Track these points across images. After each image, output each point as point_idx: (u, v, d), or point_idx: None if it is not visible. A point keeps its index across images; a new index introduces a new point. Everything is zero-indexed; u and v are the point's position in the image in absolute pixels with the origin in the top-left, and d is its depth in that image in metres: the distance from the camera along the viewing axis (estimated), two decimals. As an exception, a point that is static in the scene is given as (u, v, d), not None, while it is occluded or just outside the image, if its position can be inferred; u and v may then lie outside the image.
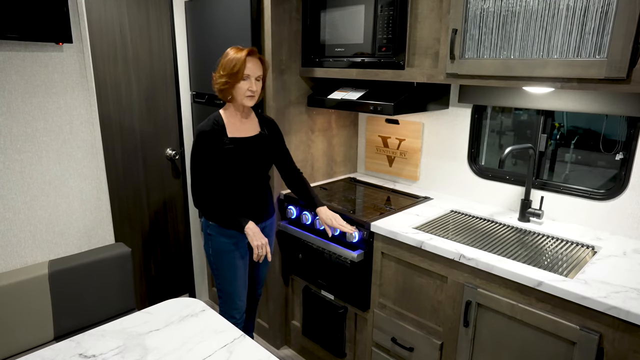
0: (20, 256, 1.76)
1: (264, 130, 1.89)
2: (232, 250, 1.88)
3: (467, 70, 1.66)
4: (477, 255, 1.55)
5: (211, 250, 1.90)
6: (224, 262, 1.89)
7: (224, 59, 1.73)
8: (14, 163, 1.70)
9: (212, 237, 1.87)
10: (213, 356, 1.18)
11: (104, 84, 2.32)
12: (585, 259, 1.59)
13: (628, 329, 1.23)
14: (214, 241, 1.87)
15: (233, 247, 1.88)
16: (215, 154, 1.75)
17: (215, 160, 1.76)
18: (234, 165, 1.78)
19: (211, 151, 1.75)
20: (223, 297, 1.94)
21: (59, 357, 1.19)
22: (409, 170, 2.44)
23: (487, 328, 1.55)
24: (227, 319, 1.73)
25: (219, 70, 1.74)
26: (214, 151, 1.75)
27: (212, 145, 1.75)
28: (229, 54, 1.72)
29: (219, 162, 1.77)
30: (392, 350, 1.91)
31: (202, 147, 1.75)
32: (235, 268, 1.90)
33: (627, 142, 1.71)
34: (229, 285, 1.91)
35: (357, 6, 1.94)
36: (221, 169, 1.78)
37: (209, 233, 1.88)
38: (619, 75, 1.31)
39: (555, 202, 1.91)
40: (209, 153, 1.75)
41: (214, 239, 1.87)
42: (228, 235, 1.86)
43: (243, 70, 1.70)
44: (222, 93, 1.76)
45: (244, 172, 1.82)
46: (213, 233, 1.87)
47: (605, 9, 1.32)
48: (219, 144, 1.76)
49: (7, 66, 1.63)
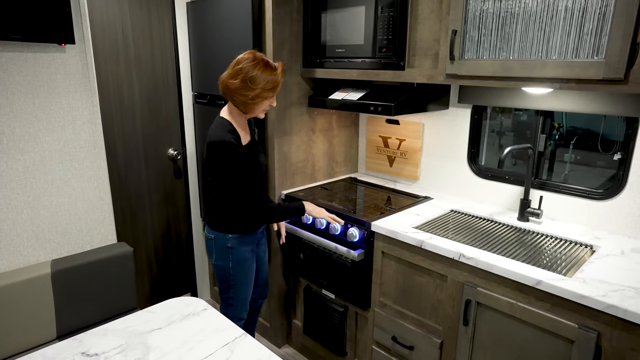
0: (23, 255, 1.78)
1: (254, 132, 1.91)
2: (250, 258, 1.88)
3: (466, 71, 1.67)
4: (477, 254, 1.56)
5: (232, 263, 1.85)
6: (244, 270, 1.88)
7: (252, 72, 1.62)
8: (16, 163, 1.71)
9: (234, 249, 1.83)
10: (214, 355, 1.19)
11: (106, 85, 2.34)
12: (584, 258, 1.60)
13: (626, 327, 1.24)
14: (236, 252, 1.84)
15: (251, 254, 1.88)
16: (243, 163, 1.70)
17: (245, 169, 1.71)
18: (252, 169, 1.76)
19: (241, 160, 1.69)
20: (235, 303, 1.91)
21: (62, 356, 1.20)
22: (409, 170, 2.45)
23: (487, 327, 1.56)
24: (235, 322, 1.73)
25: (246, 82, 1.63)
26: (242, 160, 1.70)
27: (239, 155, 1.68)
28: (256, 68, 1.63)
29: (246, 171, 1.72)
30: (393, 349, 1.92)
31: (236, 158, 1.66)
32: (252, 273, 1.92)
33: (625, 142, 1.72)
34: (245, 292, 1.91)
35: (358, 7, 1.95)
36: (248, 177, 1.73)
37: (230, 246, 1.83)
38: (616, 76, 1.32)
39: (554, 201, 1.92)
40: (240, 162, 1.68)
41: (236, 250, 1.84)
42: (248, 242, 1.86)
43: (278, 88, 1.70)
44: (247, 106, 1.69)
45: (257, 177, 1.81)
46: (235, 245, 1.83)
47: (603, 11, 1.33)
48: (241, 153, 1.70)
49: (10, 67, 1.64)
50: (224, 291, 1.91)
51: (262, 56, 1.67)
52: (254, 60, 1.65)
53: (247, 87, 1.63)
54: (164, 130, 2.63)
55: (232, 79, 1.65)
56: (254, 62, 1.64)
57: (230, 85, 1.65)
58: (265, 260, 2.10)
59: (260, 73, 1.64)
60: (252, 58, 1.65)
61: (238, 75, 1.64)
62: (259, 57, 1.67)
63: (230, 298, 1.91)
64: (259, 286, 2.12)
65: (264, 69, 1.65)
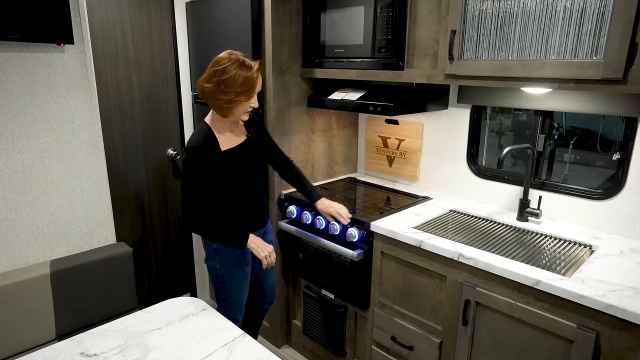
0: (22, 256, 1.78)
1: (251, 133, 1.82)
2: (241, 261, 1.84)
3: (465, 71, 1.67)
4: (476, 254, 1.56)
5: (219, 265, 1.82)
6: (232, 274, 1.84)
7: (227, 74, 1.56)
8: (15, 163, 1.71)
9: (220, 251, 1.80)
10: (214, 355, 1.19)
11: (105, 85, 2.34)
12: (583, 258, 1.60)
13: (624, 327, 1.24)
14: (223, 255, 1.81)
15: (241, 258, 1.84)
16: (211, 171, 1.67)
17: (212, 177, 1.68)
18: (231, 177, 1.72)
19: (206, 168, 1.66)
20: (228, 305, 1.89)
21: (61, 356, 1.20)
22: (408, 170, 2.45)
23: (486, 326, 1.56)
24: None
25: (220, 86, 1.57)
26: (209, 168, 1.66)
27: (206, 162, 1.65)
28: (231, 69, 1.57)
29: (216, 179, 1.69)
30: (392, 349, 1.92)
31: (197, 165, 1.64)
32: (244, 278, 1.88)
33: (624, 142, 1.72)
34: (237, 295, 1.88)
35: (357, 7, 1.95)
36: (218, 185, 1.71)
37: (216, 248, 1.80)
38: (615, 76, 1.33)
39: (553, 201, 1.92)
40: (204, 171, 1.65)
41: (223, 252, 1.80)
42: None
43: (255, 89, 1.61)
44: (223, 110, 1.63)
45: (242, 182, 1.76)
46: (221, 247, 1.80)
47: (602, 11, 1.33)
48: (214, 160, 1.67)
49: (9, 67, 1.64)
50: (217, 292, 1.90)
51: (238, 55, 1.61)
52: (230, 60, 1.59)
53: (221, 90, 1.58)
54: (163, 130, 2.63)
55: (207, 83, 1.60)
56: (229, 62, 1.58)
57: (205, 89, 1.61)
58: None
59: (235, 72, 1.56)
60: (228, 58, 1.59)
61: (212, 78, 1.59)
62: (235, 56, 1.60)
63: (222, 299, 1.89)
64: (264, 291, 2.07)
65: (239, 68, 1.58)
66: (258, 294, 2.08)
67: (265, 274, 2.05)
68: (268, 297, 2.10)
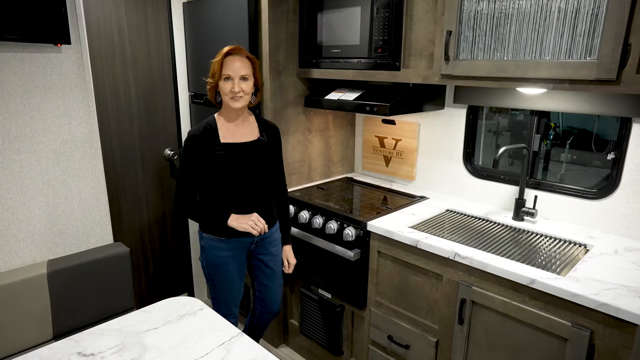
0: (19, 256, 1.78)
1: (263, 136, 1.81)
2: (227, 263, 1.82)
3: (461, 71, 1.68)
4: (472, 253, 1.57)
5: (205, 263, 1.85)
6: (219, 274, 1.84)
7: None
8: (12, 163, 1.71)
9: (206, 249, 1.82)
10: (211, 354, 1.19)
11: (102, 85, 2.34)
12: (578, 257, 1.61)
13: (618, 325, 1.25)
14: (208, 253, 1.82)
15: (228, 260, 1.82)
16: (204, 160, 1.71)
17: (204, 167, 1.72)
18: (224, 172, 1.72)
19: (199, 157, 1.70)
20: (218, 304, 1.89)
21: (58, 356, 1.20)
22: (405, 170, 2.46)
23: (482, 325, 1.57)
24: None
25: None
26: (203, 157, 1.70)
27: (201, 151, 1.70)
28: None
29: (208, 169, 1.72)
30: (389, 348, 1.93)
31: (191, 152, 1.70)
32: (231, 279, 1.85)
33: (619, 142, 1.73)
34: (224, 294, 1.87)
35: (354, 8, 1.96)
36: (210, 176, 1.73)
37: (203, 245, 1.84)
38: (609, 77, 1.34)
39: (548, 201, 1.94)
40: (196, 158, 1.70)
41: (208, 250, 1.82)
42: (222, 248, 1.80)
43: (220, 70, 1.67)
44: (210, 95, 1.76)
45: (237, 180, 1.74)
46: (206, 245, 1.82)
47: (596, 12, 1.34)
48: (209, 149, 1.70)
49: (5, 67, 1.64)
50: (210, 290, 1.93)
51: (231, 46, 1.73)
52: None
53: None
54: (160, 131, 2.63)
55: None
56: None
57: None
58: (271, 273, 1.96)
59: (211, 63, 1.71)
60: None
61: None
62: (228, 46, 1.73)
63: (213, 297, 1.91)
64: (265, 300, 2.00)
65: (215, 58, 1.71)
66: (261, 306, 2.02)
67: (269, 285, 1.98)
68: (269, 308, 2.02)
